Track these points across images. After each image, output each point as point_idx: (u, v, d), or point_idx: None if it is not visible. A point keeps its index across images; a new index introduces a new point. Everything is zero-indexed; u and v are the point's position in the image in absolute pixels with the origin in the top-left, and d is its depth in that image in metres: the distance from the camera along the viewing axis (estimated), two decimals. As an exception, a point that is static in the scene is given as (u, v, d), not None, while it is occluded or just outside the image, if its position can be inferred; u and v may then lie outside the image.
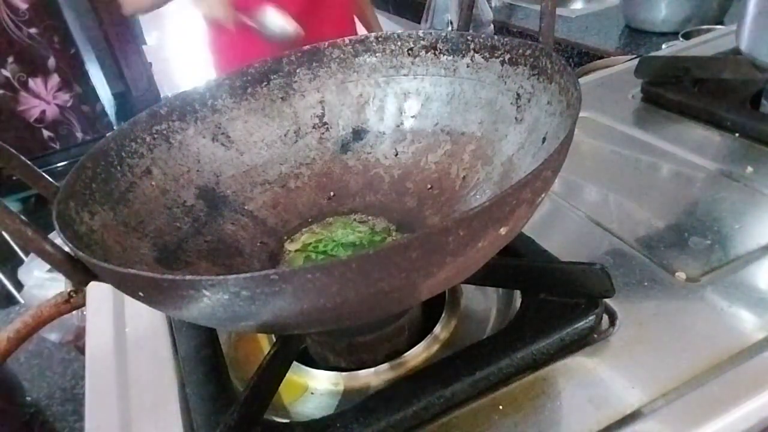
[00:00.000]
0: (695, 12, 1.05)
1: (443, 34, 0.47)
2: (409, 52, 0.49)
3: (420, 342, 0.43)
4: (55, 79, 2.17)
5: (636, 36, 1.11)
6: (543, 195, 0.31)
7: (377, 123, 0.51)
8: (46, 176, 0.38)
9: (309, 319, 0.29)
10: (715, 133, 0.60)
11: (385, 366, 0.41)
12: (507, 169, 0.43)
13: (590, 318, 0.38)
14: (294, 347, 0.42)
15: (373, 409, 0.35)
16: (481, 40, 0.45)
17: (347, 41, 0.50)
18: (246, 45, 0.90)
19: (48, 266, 0.51)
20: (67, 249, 0.32)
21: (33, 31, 2.07)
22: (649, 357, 0.37)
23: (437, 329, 0.43)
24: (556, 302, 0.40)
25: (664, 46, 0.94)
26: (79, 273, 0.32)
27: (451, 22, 1.23)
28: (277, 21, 0.84)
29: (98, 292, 0.51)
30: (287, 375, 0.40)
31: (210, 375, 0.40)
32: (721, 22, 1.05)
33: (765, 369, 0.35)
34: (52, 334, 0.64)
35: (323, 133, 0.51)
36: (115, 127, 0.45)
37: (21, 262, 0.68)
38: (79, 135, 2.30)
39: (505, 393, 0.36)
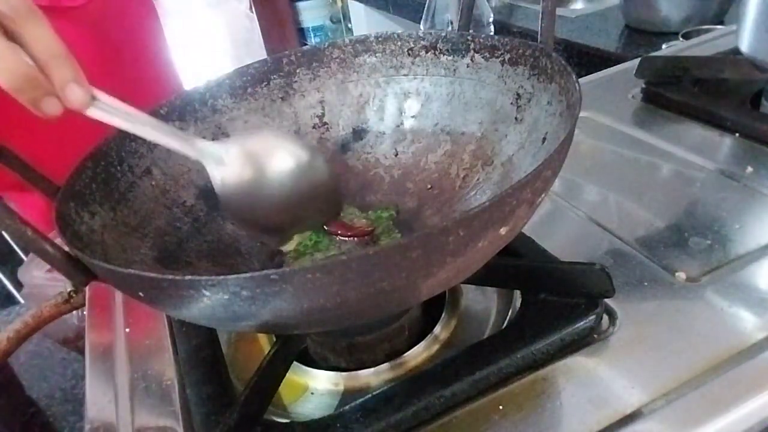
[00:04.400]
0: (695, 12, 1.05)
1: (443, 34, 0.47)
2: (409, 52, 0.49)
3: (420, 342, 0.43)
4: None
5: (636, 36, 1.11)
6: (543, 195, 0.31)
7: (377, 123, 0.51)
8: (46, 176, 0.38)
9: (309, 319, 0.29)
10: (715, 133, 0.60)
11: (385, 366, 0.41)
12: (507, 169, 0.43)
13: (590, 318, 0.38)
14: (294, 347, 0.42)
15: (373, 409, 0.35)
16: (481, 40, 0.45)
17: (347, 41, 0.50)
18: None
19: (48, 266, 0.51)
20: (67, 249, 0.32)
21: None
22: (649, 357, 0.37)
23: (437, 329, 0.43)
24: (556, 302, 0.40)
25: (664, 46, 0.94)
26: (79, 273, 0.32)
27: (451, 22, 1.22)
28: None
29: (98, 292, 0.51)
30: (287, 375, 0.40)
31: (210, 375, 0.40)
32: (721, 22, 1.05)
33: (765, 369, 0.35)
34: (52, 334, 0.64)
35: (323, 133, 0.51)
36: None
37: (21, 262, 0.68)
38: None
39: (505, 393, 0.36)
